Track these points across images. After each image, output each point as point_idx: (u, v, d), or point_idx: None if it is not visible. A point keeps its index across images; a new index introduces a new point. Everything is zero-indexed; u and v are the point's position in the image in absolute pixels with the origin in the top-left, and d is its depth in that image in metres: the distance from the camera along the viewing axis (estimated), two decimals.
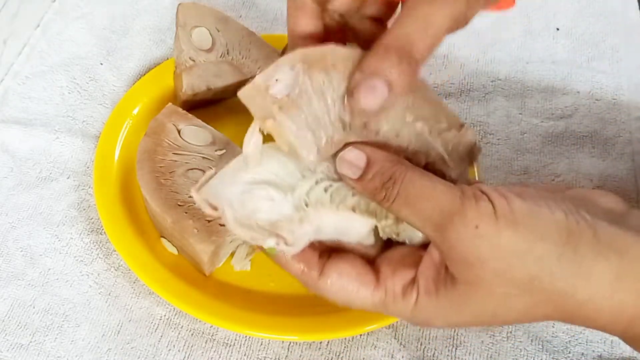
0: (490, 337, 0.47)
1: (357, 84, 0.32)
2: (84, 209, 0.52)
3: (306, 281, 0.35)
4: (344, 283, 0.34)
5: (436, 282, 0.33)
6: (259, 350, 0.46)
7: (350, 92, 0.32)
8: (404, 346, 0.46)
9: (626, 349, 0.46)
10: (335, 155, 0.34)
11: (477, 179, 0.52)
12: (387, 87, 0.32)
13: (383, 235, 0.35)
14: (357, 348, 0.46)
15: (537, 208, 0.30)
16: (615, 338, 0.33)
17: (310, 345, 0.46)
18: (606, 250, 0.30)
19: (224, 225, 0.40)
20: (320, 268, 0.35)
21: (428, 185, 0.32)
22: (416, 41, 0.32)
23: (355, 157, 0.33)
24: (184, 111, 0.52)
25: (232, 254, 0.49)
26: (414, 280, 0.33)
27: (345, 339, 0.46)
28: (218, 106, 0.57)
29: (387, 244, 0.36)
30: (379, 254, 0.36)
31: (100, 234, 0.51)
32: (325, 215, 0.34)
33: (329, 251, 0.35)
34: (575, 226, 0.30)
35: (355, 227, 0.35)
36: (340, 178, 0.34)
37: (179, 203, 0.47)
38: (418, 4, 0.32)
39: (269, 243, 0.33)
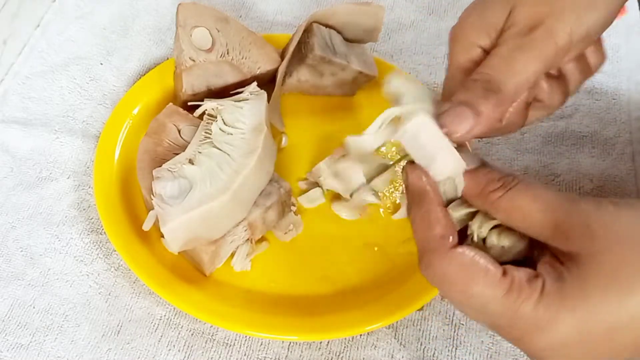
0: (490, 337, 0.47)
1: (445, 110, 0.35)
2: (84, 209, 0.52)
3: (435, 246, 0.34)
4: (476, 259, 0.33)
5: (558, 271, 0.31)
6: (259, 350, 0.46)
7: (438, 117, 0.35)
8: (404, 346, 0.46)
9: None
10: None
11: None
12: (473, 114, 0.34)
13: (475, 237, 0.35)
14: (357, 348, 0.46)
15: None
16: None
17: (310, 345, 0.46)
18: None
19: None
20: (455, 239, 0.34)
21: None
22: (502, 77, 0.35)
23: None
24: (185, 111, 0.52)
25: (233, 254, 0.49)
26: (537, 275, 0.32)
27: (345, 339, 0.46)
28: None
29: None
30: None
31: (100, 234, 0.51)
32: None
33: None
34: None
35: (446, 159, 0.35)
36: None
37: None
38: (506, 47, 0.36)
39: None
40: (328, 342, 0.46)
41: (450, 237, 0.34)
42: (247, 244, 0.49)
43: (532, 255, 0.35)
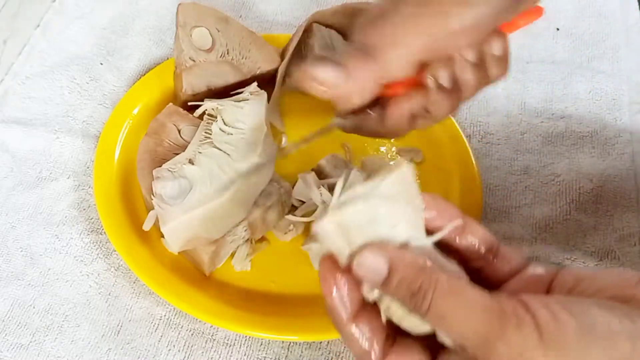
0: None
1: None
2: (84, 209, 0.52)
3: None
4: None
5: None
6: (259, 350, 0.46)
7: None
8: None
9: None
10: None
11: (477, 180, 0.52)
12: (336, 65, 0.34)
13: (383, 317, 0.33)
14: None
15: (591, 322, 0.27)
16: None
17: (310, 345, 0.46)
18: None
19: None
20: (383, 350, 0.32)
21: (462, 300, 0.29)
22: (379, 43, 0.35)
23: (375, 264, 0.30)
24: (185, 111, 0.52)
25: (233, 254, 0.49)
26: None
27: None
28: None
29: None
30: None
31: (100, 234, 0.51)
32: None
33: (394, 335, 0.33)
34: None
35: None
36: None
37: None
38: (393, 16, 0.35)
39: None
40: (328, 342, 0.46)
41: (373, 349, 0.32)
42: (247, 244, 0.49)
43: None
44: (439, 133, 0.55)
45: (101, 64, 0.62)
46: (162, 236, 0.46)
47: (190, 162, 0.47)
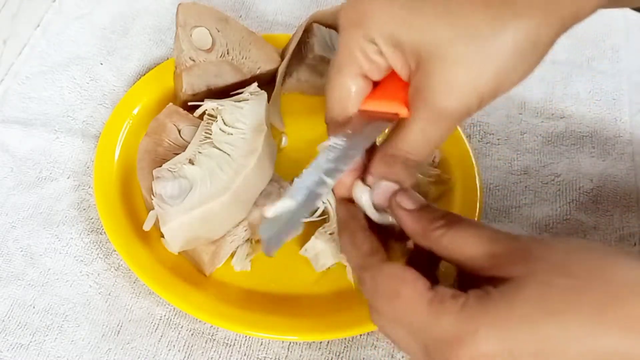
0: None
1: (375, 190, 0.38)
2: (84, 209, 0.52)
3: (366, 263, 0.35)
4: (405, 270, 0.33)
5: (485, 290, 0.31)
6: (259, 350, 0.46)
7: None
8: None
9: None
10: None
11: (477, 180, 0.52)
12: (396, 185, 0.38)
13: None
14: (357, 348, 0.46)
15: None
16: None
17: (310, 345, 0.46)
18: None
19: None
20: (385, 255, 0.36)
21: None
22: (417, 151, 0.37)
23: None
24: (185, 111, 0.52)
25: (233, 254, 0.49)
26: (463, 293, 0.32)
27: (345, 339, 0.46)
28: None
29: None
30: None
31: (100, 234, 0.51)
32: None
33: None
34: None
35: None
36: None
37: None
38: (418, 118, 0.36)
39: None
40: (328, 342, 0.46)
41: (379, 253, 0.36)
42: (247, 244, 0.49)
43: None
44: None
45: (101, 64, 0.62)
46: (162, 236, 0.46)
47: (191, 162, 0.47)
